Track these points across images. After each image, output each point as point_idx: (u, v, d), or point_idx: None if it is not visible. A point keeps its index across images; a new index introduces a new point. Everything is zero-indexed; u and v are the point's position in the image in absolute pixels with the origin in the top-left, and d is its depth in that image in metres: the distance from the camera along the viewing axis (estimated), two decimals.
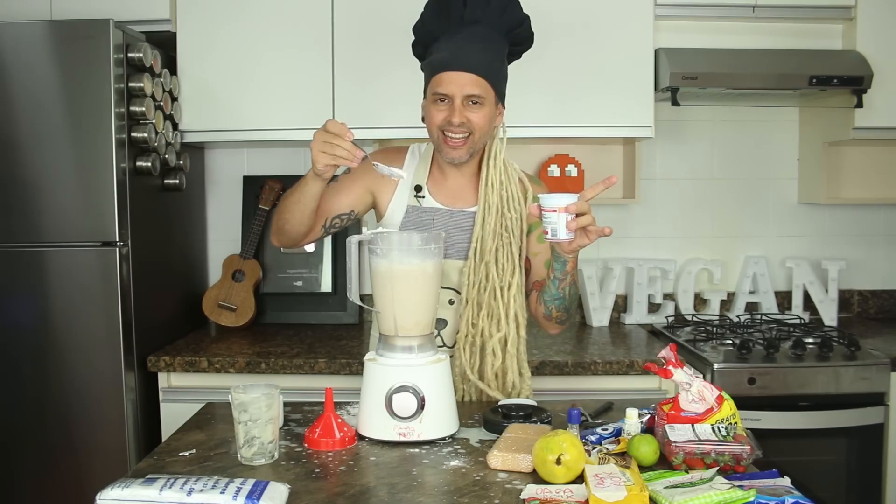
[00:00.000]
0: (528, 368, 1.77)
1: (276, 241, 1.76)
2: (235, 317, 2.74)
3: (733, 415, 1.37)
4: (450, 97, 1.63)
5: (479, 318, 1.70)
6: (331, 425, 1.43)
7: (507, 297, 1.70)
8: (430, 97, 1.67)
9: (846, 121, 2.66)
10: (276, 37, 2.56)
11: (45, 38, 2.17)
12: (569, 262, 1.58)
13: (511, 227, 1.72)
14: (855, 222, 3.04)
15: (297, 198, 1.63)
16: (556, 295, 1.65)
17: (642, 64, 2.58)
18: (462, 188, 1.77)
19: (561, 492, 1.19)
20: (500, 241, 1.71)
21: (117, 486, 1.14)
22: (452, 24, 1.65)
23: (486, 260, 1.70)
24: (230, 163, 2.96)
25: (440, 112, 1.65)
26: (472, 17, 1.64)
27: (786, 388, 2.31)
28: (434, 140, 1.70)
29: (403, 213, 1.75)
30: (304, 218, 1.65)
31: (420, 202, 1.75)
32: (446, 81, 1.63)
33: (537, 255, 1.78)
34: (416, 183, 1.76)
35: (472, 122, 1.65)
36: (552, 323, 1.73)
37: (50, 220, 2.20)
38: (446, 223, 1.74)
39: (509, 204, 1.73)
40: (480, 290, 1.70)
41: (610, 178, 1.47)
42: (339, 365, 2.29)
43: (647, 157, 2.95)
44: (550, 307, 1.68)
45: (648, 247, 3.01)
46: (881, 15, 2.63)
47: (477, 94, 1.63)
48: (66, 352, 2.22)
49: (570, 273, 1.61)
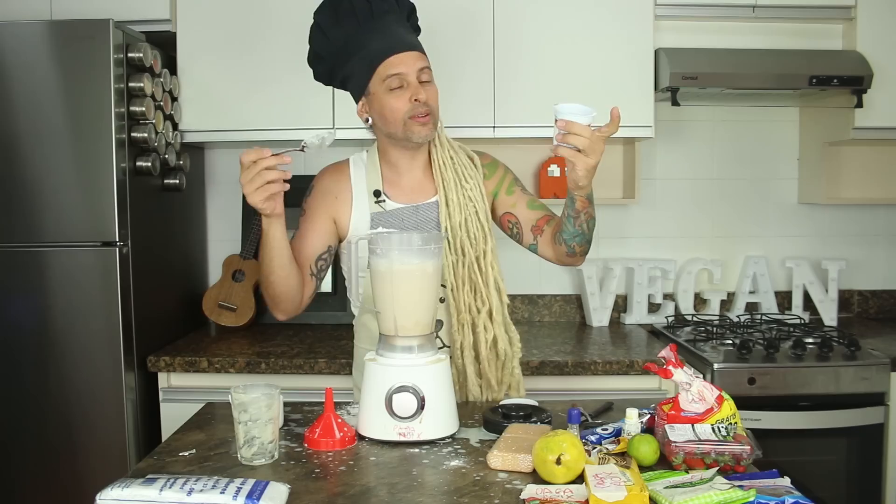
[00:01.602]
0: (515, 331, 1.78)
1: (282, 314, 1.67)
2: (235, 317, 2.74)
3: (733, 415, 1.37)
4: (405, 78, 1.63)
5: (466, 293, 1.70)
6: (331, 425, 1.43)
7: (485, 266, 1.72)
8: (381, 89, 1.64)
9: (846, 121, 2.66)
10: (276, 37, 2.56)
11: (45, 38, 2.17)
12: (577, 200, 1.57)
13: (472, 195, 1.73)
14: (855, 222, 3.04)
15: (268, 254, 1.57)
16: (574, 232, 1.64)
17: (642, 64, 2.58)
18: (418, 182, 1.76)
19: (561, 492, 1.19)
20: (467, 212, 1.72)
21: (117, 486, 1.14)
22: (362, 21, 1.65)
23: (458, 235, 1.70)
24: (230, 163, 2.96)
25: (400, 97, 1.64)
26: (381, 9, 1.66)
27: (786, 388, 2.31)
28: (398, 129, 1.66)
29: (369, 222, 1.72)
30: (287, 271, 1.59)
31: (383, 206, 1.73)
32: (398, 63, 1.63)
33: (515, 205, 1.78)
34: (372, 188, 1.74)
35: (429, 101, 1.65)
36: (577, 257, 1.72)
37: (50, 220, 2.20)
38: (414, 220, 1.73)
39: (464, 174, 1.74)
40: (461, 268, 1.71)
41: (612, 110, 1.48)
42: (339, 365, 2.29)
43: (646, 158, 2.94)
44: (572, 244, 1.67)
45: (648, 247, 3.01)
46: (881, 15, 2.63)
47: (427, 67, 1.65)
48: (66, 352, 2.22)
49: (582, 211, 1.60)
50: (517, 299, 2.94)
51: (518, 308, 2.97)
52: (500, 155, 1.91)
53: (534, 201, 1.79)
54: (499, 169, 1.83)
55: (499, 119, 2.56)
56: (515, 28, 2.56)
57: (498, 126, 2.56)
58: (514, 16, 2.56)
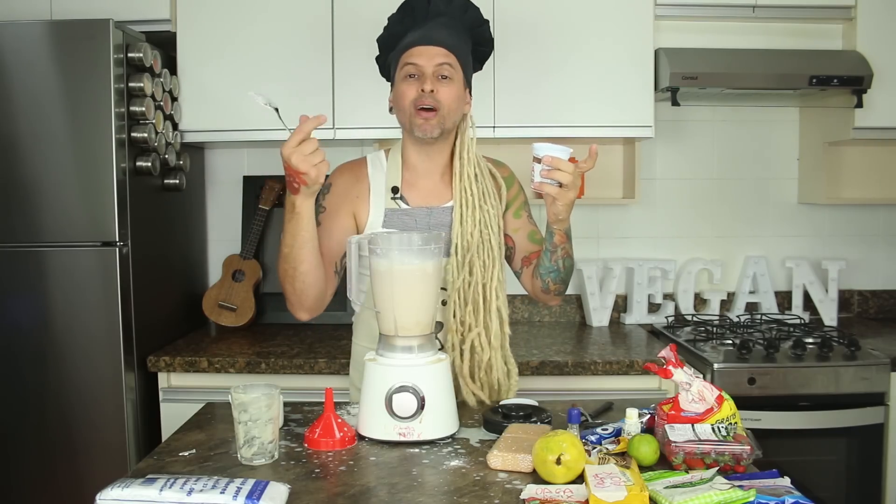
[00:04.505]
0: (514, 364, 1.76)
1: (306, 313, 1.65)
2: (235, 317, 2.74)
3: (733, 415, 1.37)
4: (421, 69, 1.65)
5: (466, 313, 1.70)
6: (331, 425, 1.43)
7: (489, 293, 1.71)
8: (399, 76, 1.68)
9: (846, 121, 2.66)
10: (276, 37, 2.56)
11: (45, 38, 2.17)
12: (555, 234, 1.60)
13: (489, 222, 1.73)
14: (855, 222, 3.04)
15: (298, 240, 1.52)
16: (550, 267, 1.66)
17: (642, 64, 2.58)
18: (435, 186, 1.76)
19: (561, 492, 1.19)
20: (481, 237, 1.72)
21: (117, 486, 1.14)
22: (417, 21, 1.70)
23: (469, 256, 1.70)
24: (230, 163, 2.96)
25: (411, 87, 1.66)
26: (436, 11, 1.69)
27: (786, 388, 2.31)
28: (406, 120, 1.68)
29: (382, 219, 1.73)
30: (317, 259, 1.57)
31: (399, 204, 1.74)
32: (416, 54, 1.66)
33: (517, 231, 1.79)
34: (391, 185, 1.75)
35: (440, 97, 1.65)
36: (550, 295, 1.74)
37: (50, 220, 2.20)
38: (427, 221, 1.73)
39: (484, 197, 1.74)
40: (465, 287, 1.70)
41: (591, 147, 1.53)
42: (339, 365, 2.29)
43: (647, 157, 2.95)
44: (546, 280, 1.69)
45: (648, 247, 3.01)
46: (881, 15, 2.63)
47: (447, 64, 1.66)
48: (66, 352, 2.22)
49: (560, 245, 1.62)
50: (517, 299, 2.94)
51: (518, 308, 2.97)
52: (501, 155, 1.91)
53: (535, 234, 1.79)
54: (514, 185, 1.83)
55: (499, 119, 2.56)
56: (515, 28, 2.56)
57: (498, 126, 2.56)
58: (514, 15, 2.56)
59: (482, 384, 1.71)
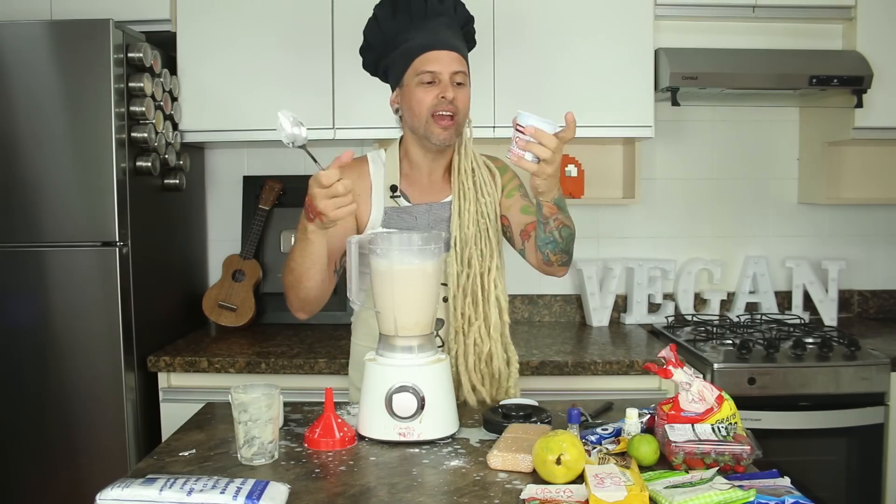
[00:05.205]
0: (514, 352, 1.77)
1: (306, 315, 1.67)
2: (235, 317, 2.74)
3: (733, 415, 1.37)
4: (438, 76, 1.64)
5: (465, 305, 1.70)
6: (331, 425, 1.43)
7: (488, 282, 1.71)
8: (413, 82, 1.67)
9: (846, 121, 2.66)
10: (276, 37, 2.56)
11: (45, 38, 2.17)
12: (543, 206, 1.58)
13: (486, 213, 1.74)
14: (855, 222, 3.04)
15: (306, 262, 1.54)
16: (546, 239, 1.64)
17: (642, 64, 2.58)
18: (435, 183, 1.77)
19: (561, 492, 1.19)
20: (478, 228, 1.73)
21: (117, 486, 1.14)
22: (415, 18, 1.68)
23: (468, 247, 1.71)
24: (230, 163, 2.96)
25: (429, 93, 1.65)
26: (435, 11, 1.69)
27: (786, 388, 2.31)
28: (420, 125, 1.68)
29: (382, 217, 1.73)
30: (323, 276, 1.59)
31: (398, 202, 1.74)
32: (433, 59, 1.65)
33: (510, 209, 1.79)
34: (389, 183, 1.75)
35: (458, 103, 1.66)
36: (554, 267, 1.72)
37: (50, 220, 2.20)
38: (427, 219, 1.74)
39: (482, 189, 1.75)
40: (464, 279, 1.70)
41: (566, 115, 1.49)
42: (338, 365, 2.29)
43: (646, 157, 2.94)
44: (546, 251, 1.67)
45: (648, 247, 3.01)
46: (881, 15, 2.63)
47: (462, 72, 1.67)
48: (66, 352, 2.22)
49: (550, 217, 1.60)
50: (517, 299, 2.94)
51: (518, 308, 2.97)
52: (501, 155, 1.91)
53: (528, 207, 1.78)
54: (508, 172, 1.84)
55: (499, 119, 2.56)
56: (515, 28, 2.56)
57: (498, 126, 2.55)
58: (514, 15, 2.56)
59: (483, 375, 1.72)
